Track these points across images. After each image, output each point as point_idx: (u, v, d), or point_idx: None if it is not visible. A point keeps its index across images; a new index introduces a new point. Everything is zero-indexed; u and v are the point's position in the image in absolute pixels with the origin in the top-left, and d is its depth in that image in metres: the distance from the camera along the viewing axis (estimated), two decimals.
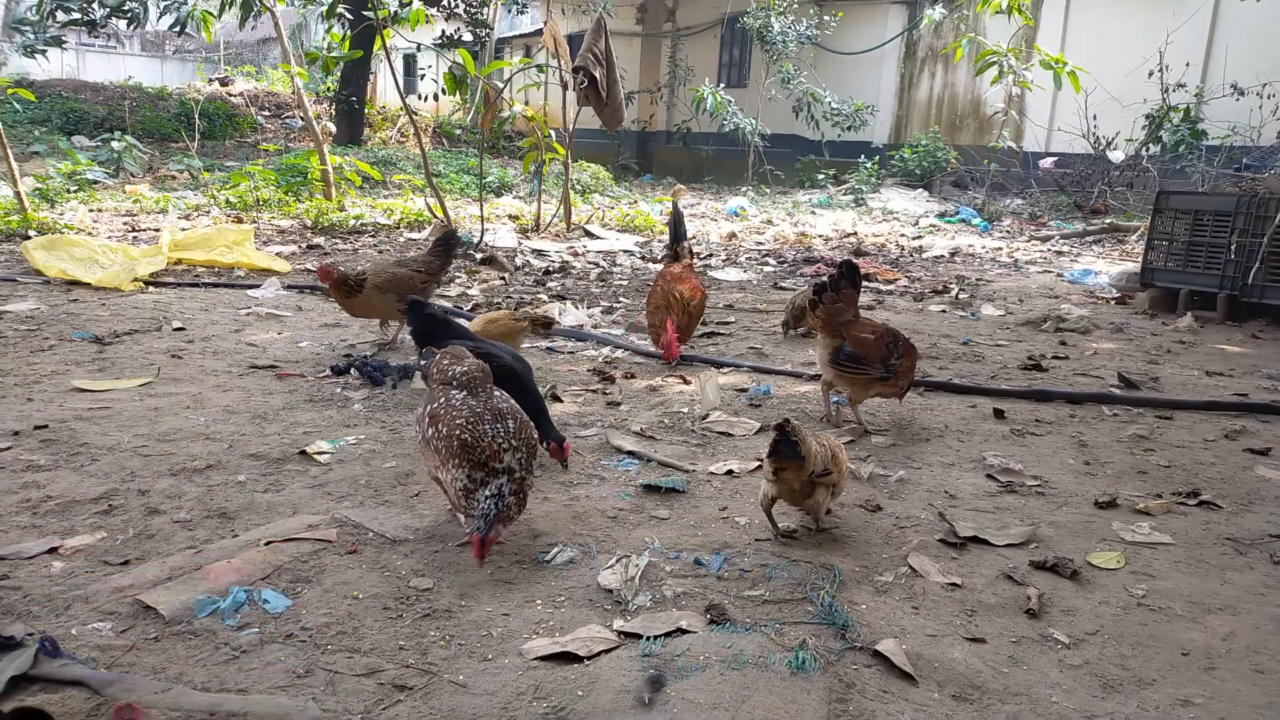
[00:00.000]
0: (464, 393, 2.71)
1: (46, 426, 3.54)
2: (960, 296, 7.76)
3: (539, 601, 2.42)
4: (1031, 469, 3.59)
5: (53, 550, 2.57)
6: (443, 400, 2.71)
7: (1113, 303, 7.69)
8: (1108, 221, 13.46)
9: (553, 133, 10.63)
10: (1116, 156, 15.09)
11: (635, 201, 15.38)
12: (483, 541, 2.43)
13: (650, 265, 8.94)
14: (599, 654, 2.17)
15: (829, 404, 4.18)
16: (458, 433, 2.56)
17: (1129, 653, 2.29)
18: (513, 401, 2.76)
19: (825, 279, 4.04)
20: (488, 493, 2.46)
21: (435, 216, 10.47)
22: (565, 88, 10.57)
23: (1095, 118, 15.01)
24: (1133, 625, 2.42)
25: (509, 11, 23.39)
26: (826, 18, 19.83)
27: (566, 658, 2.14)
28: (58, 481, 3.04)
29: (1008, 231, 13.66)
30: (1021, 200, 16.13)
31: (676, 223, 5.72)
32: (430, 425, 2.67)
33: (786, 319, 5.83)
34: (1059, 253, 11.33)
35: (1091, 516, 3.15)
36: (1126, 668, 2.23)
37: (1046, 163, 16.44)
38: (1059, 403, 4.56)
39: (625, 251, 9.90)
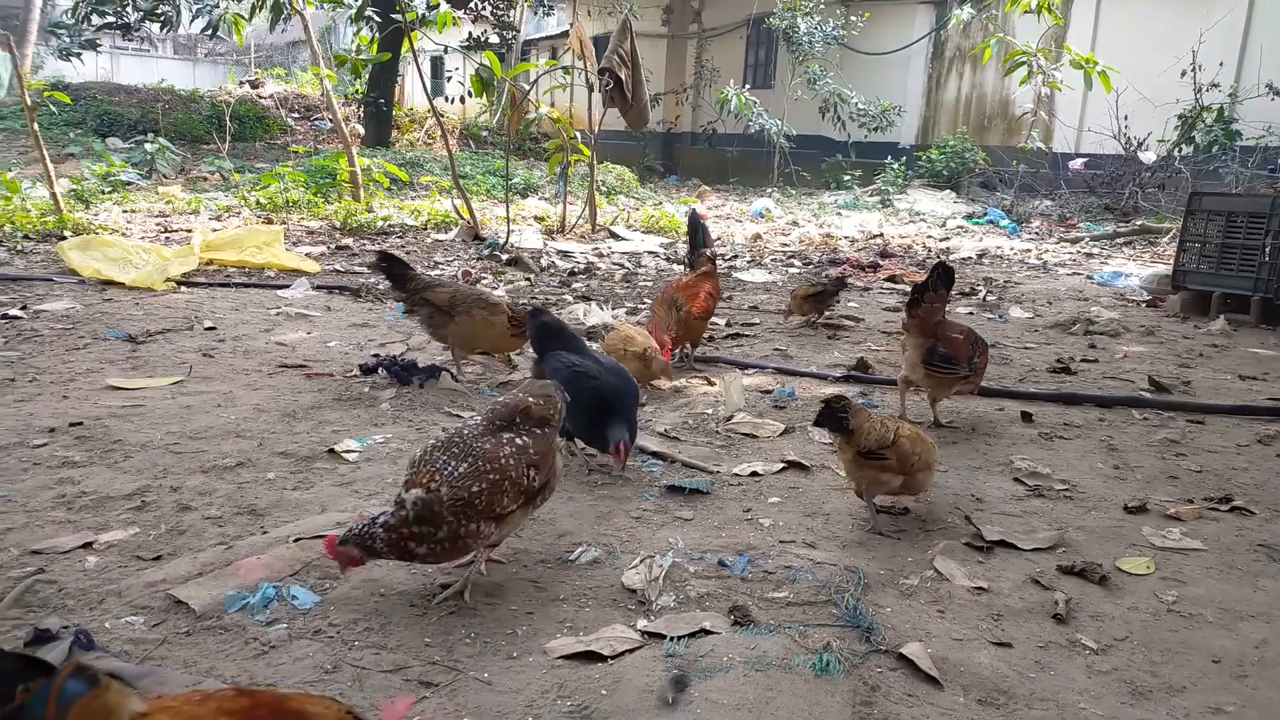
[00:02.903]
0: (482, 421, 2.55)
1: (81, 424, 3.60)
2: (988, 299, 7.70)
3: (563, 601, 2.43)
4: (1060, 473, 3.55)
5: (87, 545, 2.62)
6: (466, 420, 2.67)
7: (1143, 305, 7.59)
8: (1139, 223, 13.30)
9: (578, 134, 10.66)
10: (1148, 157, 14.89)
11: (660, 203, 15.39)
12: (336, 554, 2.23)
13: (675, 267, 8.94)
14: (623, 654, 2.17)
15: (904, 403, 4.20)
16: (418, 449, 2.45)
17: (1159, 659, 2.27)
18: (503, 451, 2.40)
19: (924, 282, 4.01)
20: (376, 521, 2.24)
21: (461, 218, 10.54)
22: (591, 89, 10.60)
23: (1126, 118, 14.83)
24: (1163, 632, 2.40)
25: (535, 14, 23.52)
26: (853, 18, 19.73)
27: (590, 657, 2.16)
28: (92, 477, 3.10)
29: (1036, 233, 13.52)
30: (1051, 202, 15.96)
31: (694, 228, 5.58)
32: None
33: (788, 308, 6.34)
34: (1089, 255, 11.20)
35: (1121, 521, 3.11)
36: (1156, 674, 2.20)
37: (1076, 164, 16.26)
38: (1088, 406, 4.51)
39: (650, 253, 9.91)
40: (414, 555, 2.26)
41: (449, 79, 21.95)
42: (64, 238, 7.91)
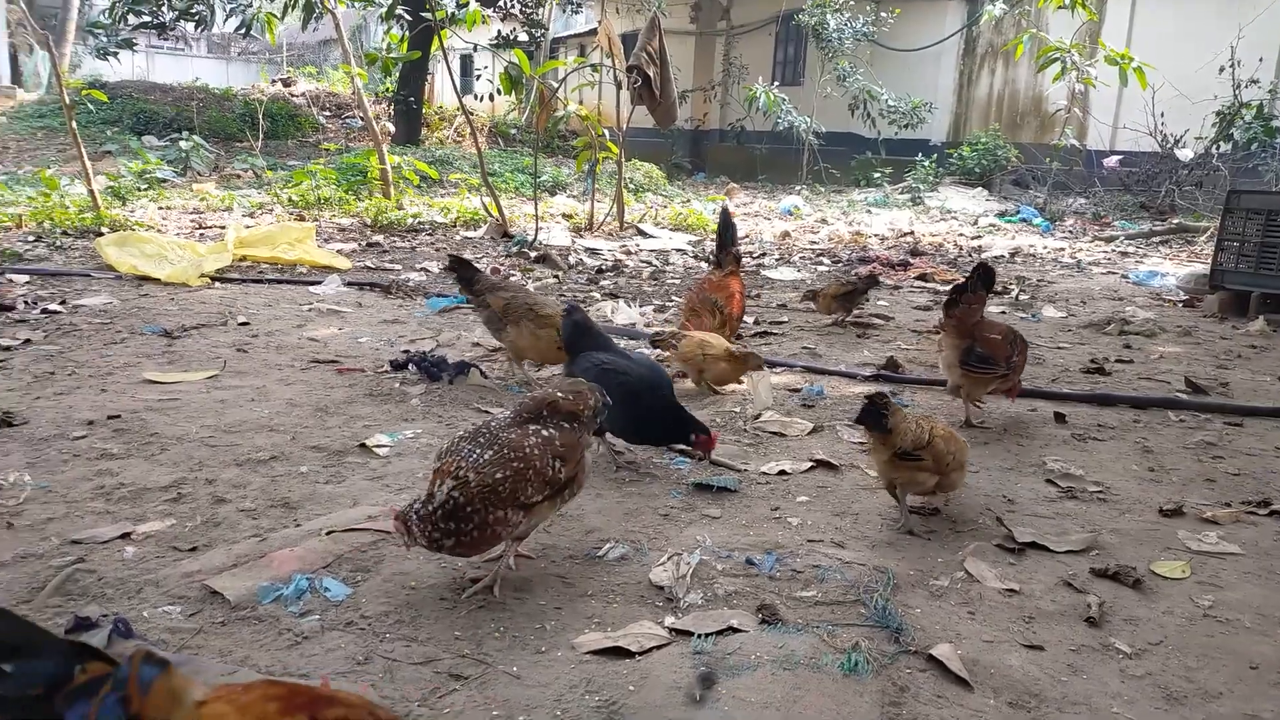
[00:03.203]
0: (509, 415, 2.58)
1: (119, 416, 3.67)
2: (1020, 298, 7.62)
3: (592, 596, 2.44)
4: (1093, 475, 3.51)
5: (125, 536, 2.66)
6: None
7: (1180, 305, 7.47)
8: (1175, 222, 13.09)
9: (606, 132, 10.67)
10: (1185, 155, 14.66)
11: (688, 200, 15.37)
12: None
13: (703, 265, 8.93)
14: (650, 650, 2.18)
15: (969, 409, 4.16)
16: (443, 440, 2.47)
17: (1194, 664, 2.24)
18: (528, 440, 2.42)
19: (963, 282, 4.00)
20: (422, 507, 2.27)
21: (490, 215, 10.59)
22: (619, 87, 10.61)
23: (1163, 115, 14.60)
24: (1198, 636, 2.36)
25: (564, 11, 23.57)
26: (884, 14, 19.59)
27: (618, 653, 2.16)
28: (130, 470, 3.15)
29: (1070, 232, 13.35)
30: (1085, 200, 15.75)
31: (725, 226, 5.54)
32: None
33: (811, 296, 6.40)
34: (1124, 254, 11.04)
35: (1156, 524, 3.07)
36: (1191, 680, 2.17)
37: (1111, 161, 16.03)
38: (1122, 407, 4.45)
39: (678, 250, 9.91)
40: (443, 545, 2.28)
41: (478, 77, 22.08)
42: (101, 234, 8.05)
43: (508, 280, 4.59)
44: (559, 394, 2.63)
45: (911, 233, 12.56)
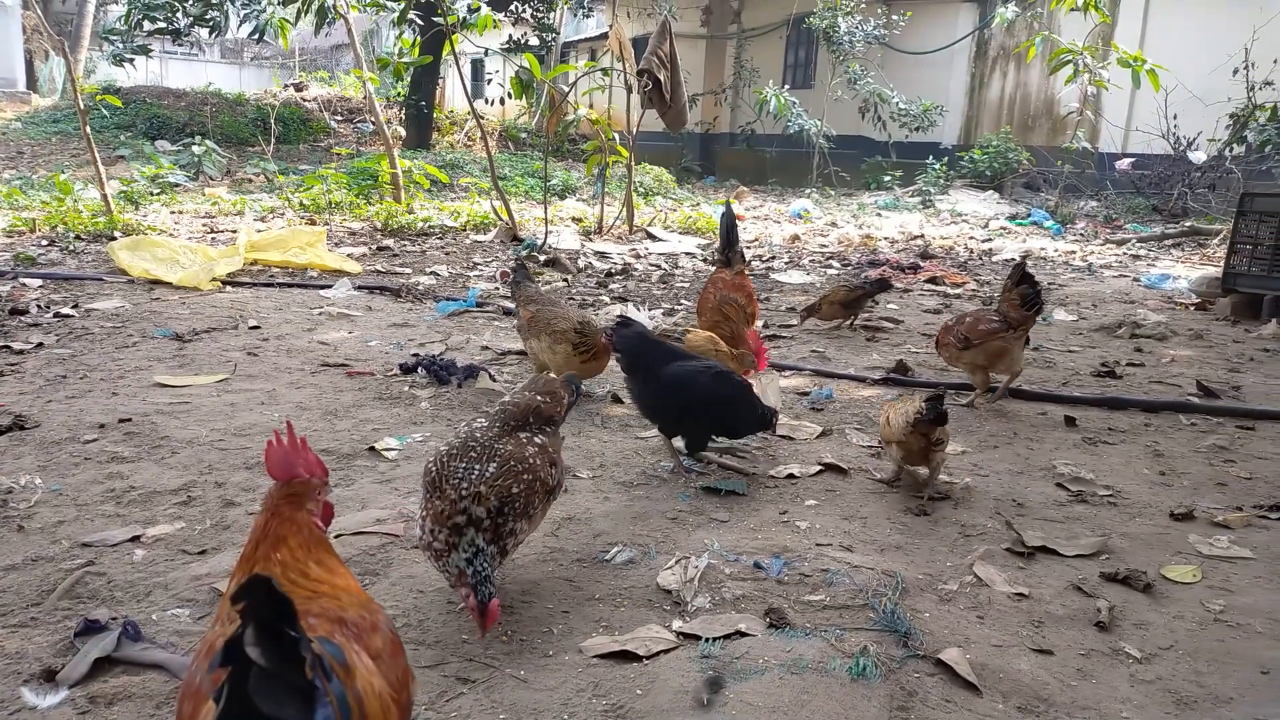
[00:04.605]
0: (487, 423, 2.46)
1: (130, 420, 3.69)
2: None
3: (599, 600, 2.44)
4: (1103, 478, 3.49)
5: (135, 539, 2.68)
6: (467, 427, 2.48)
7: (1192, 309, 7.42)
8: (1187, 224, 13.00)
9: (616, 135, 10.68)
10: (1198, 157, 14.56)
11: (698, 204, 15.36)
12: (482, 609, 2.04)
13: (712, 268, 8.92)
14: (658, 654, 2.18)
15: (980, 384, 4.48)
16: (430, 462, 2.30)
17: (1205, 669, 2.22)
18: (527, 449, 2.37)
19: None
20: (464, 555, 2.11)
21: (500, 219, 10.62)
22: (629, 91, 10.62)
23: (1175, 117, 14.51)
24: (1209, 641, 2.34)
25: (574, 16, 23.58)
26: (895, 17, 19.54)
27: (625, 656, 2.16)
28: (140, 473, 3.17)
29: (1081, 234, 13.29)
30: (1096, 202, 15.67)
31: (729, 226, 5.44)
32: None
33: (809, 309, 6.29)
34: (1135, 257, 10.98)
35: (1166, 528, 3.05)
36: (1202, 685, 2.16)
37: (1123, 164, 15.95)
38: (1133, 411, 4.42)
39: (687, 254, 9.90)
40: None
41: (489, 81, 22.17)
42: (114, 238, 8.11)
43: (539, 293, 4.58)
44: (539, 398, 2.58)
45: (922, 236, 12.53)
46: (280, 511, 1.52)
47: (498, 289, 7.15)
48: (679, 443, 3.57)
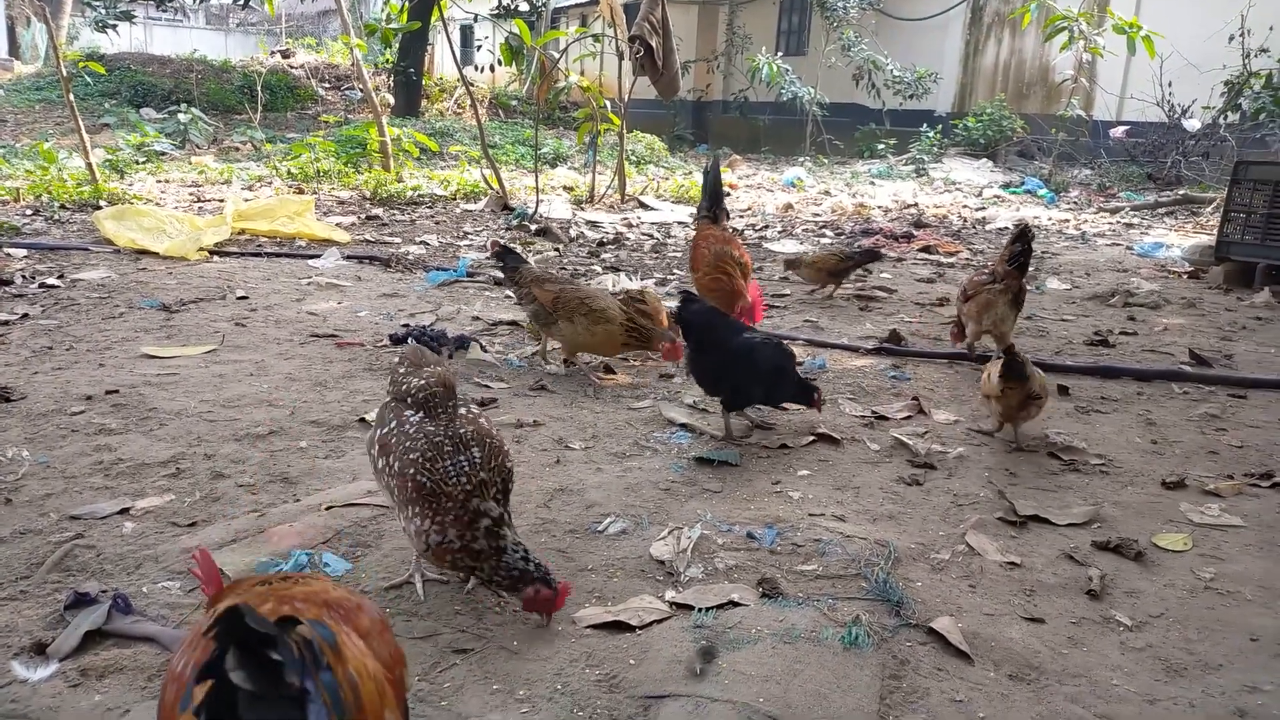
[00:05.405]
0: (420, 414, 2.29)
1: (117, 391, 3.66)
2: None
3: (592, 571, 2.44)
4: (1096, 447, 3.49)
5: (124, 511, 2.66)
6: (394, 425, 2.30)
7: (1185, 277, 7.42)
8: (1181, 193, 12.97)
9: (608, 103, 10.58)
10: (1192, 125, 14.49)
11: (690, 172, 15.26)
12: (556, 595, 2.08)
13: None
14: (651, 624, 2.18)
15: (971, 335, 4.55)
16: (412, 472, 2.15)
17: (1195, 637, 2.23)
18: (480, 422, 2.32)
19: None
20: (517, 555, 2.09)
21: (491, 188, 10.52)
22: (621, 57, 10.49)
23: (1170, 85, 14.41)
24: (1199, 609, 2.36)
25: None
26: None
27: (619, 627, 2.16)
28: (128, 445, 3.14)
29: (1075, 203, 13.25)
30: (1090, 171, 15.61)
31: (716, 178, 5.34)
32: (380, 455, 2.28)
33: (792, 266, 6.41)
34: (1129, 225, 10.96)
35: (1158, 497, 3.06)
36: (1192, 652, 2.17)
37: (1118, 132, 15.86)
38: (1126, 380, 4.43)
39: (679, 223, 9.84)
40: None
41: (479, 48, 21.86)
42: (99, 207, 8.01)
43: (548, 271, 4.44)
44: (442, 370, 2.45)
45: (915, 204, 12.47)
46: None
47: (489, 259, 7.10)
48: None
